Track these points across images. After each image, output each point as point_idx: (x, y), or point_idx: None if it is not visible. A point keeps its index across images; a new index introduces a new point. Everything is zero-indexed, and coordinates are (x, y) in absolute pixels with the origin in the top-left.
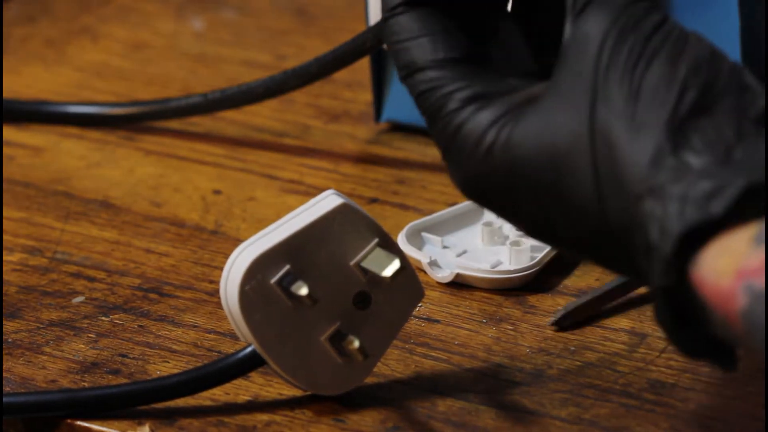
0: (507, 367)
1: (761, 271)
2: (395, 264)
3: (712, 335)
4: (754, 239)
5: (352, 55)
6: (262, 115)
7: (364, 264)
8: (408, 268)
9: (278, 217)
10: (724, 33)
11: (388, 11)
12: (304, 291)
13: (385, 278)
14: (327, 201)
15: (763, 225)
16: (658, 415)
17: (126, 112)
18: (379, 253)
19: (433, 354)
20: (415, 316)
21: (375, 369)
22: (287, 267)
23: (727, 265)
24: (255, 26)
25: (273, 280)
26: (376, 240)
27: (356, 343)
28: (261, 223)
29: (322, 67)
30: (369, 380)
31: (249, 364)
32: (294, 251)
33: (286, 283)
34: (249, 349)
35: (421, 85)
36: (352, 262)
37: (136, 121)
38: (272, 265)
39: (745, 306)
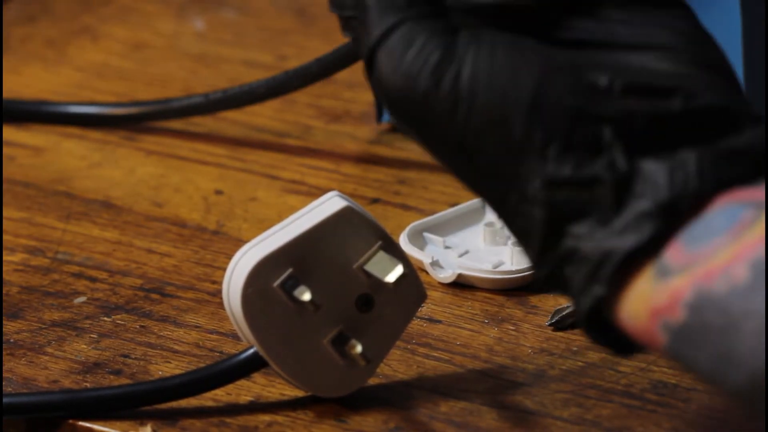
0: (509, 367)
1: (671, 306)
2: (398, 269)
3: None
4: (653, 276)
5: (353, 55)
6: (264, 115)
7: (367, 267)
8: (411, 272)
9: (280, 217)
10: (725, 33)
11: None
12: (306, 296)
13: (387, 283)
14: (330, 203)
15: (659, 258)
16: (660, 416)
17: (127, 112)
18: (382, 256)
19: (435, 354)
20: (417, 317)
21: (377, 370)
22: (290, 270)
23: (639, 308)
24: (255, 26)
25: (276, 284)
26: (379, 243)
27: (358, 348)
28: (263, 224)
29: (323, 67)
30: (371, 381)
31: (251, 366)
32: (297, 254)
33: (288, 287)
34: (251, 351)
35: None
36: (355, 265)
37: (137, 121)
38: (275, 269)
39: (667, 343)
